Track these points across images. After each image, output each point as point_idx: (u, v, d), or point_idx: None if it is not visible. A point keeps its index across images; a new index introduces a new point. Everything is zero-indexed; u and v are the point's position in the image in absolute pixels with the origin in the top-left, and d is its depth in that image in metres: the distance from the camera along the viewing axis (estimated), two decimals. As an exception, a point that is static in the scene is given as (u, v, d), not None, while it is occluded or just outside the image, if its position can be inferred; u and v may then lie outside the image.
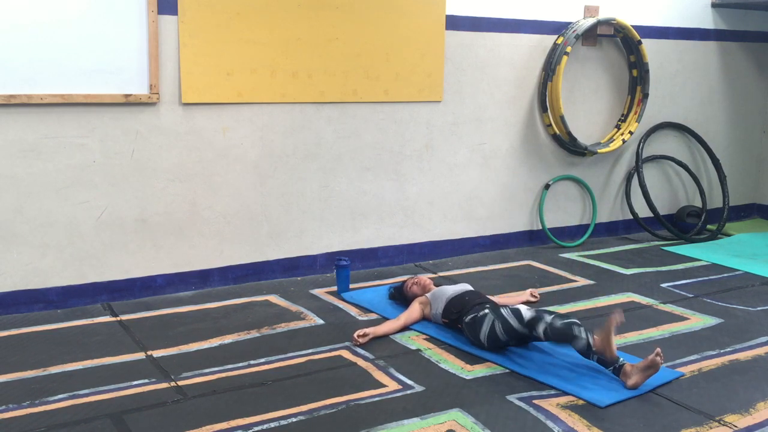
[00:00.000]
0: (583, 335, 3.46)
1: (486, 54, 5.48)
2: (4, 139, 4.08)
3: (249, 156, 4.74)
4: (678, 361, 3.72)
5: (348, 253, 5.13)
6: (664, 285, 4.99)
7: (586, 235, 6.11)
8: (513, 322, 3.64)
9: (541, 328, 3.55)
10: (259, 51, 4.63)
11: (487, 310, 3.79)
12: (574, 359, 3.64)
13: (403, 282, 4.44)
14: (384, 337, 3.95)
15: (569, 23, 5.77)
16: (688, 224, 6.42)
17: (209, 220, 4.68)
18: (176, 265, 4.62)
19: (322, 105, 4.91)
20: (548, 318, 3.56)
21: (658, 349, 3.35)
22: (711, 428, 3.07)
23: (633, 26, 5.92)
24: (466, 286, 4.24)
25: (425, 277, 4.41)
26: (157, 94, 4.38)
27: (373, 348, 3.81)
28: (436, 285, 4.35)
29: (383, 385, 3.39)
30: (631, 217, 6.30)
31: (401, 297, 4.38)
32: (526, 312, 3.66)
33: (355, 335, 3.86)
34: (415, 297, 4.25)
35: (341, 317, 4.27)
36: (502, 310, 3.74)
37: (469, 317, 3.83)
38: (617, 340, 3.97)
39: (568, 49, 5.61)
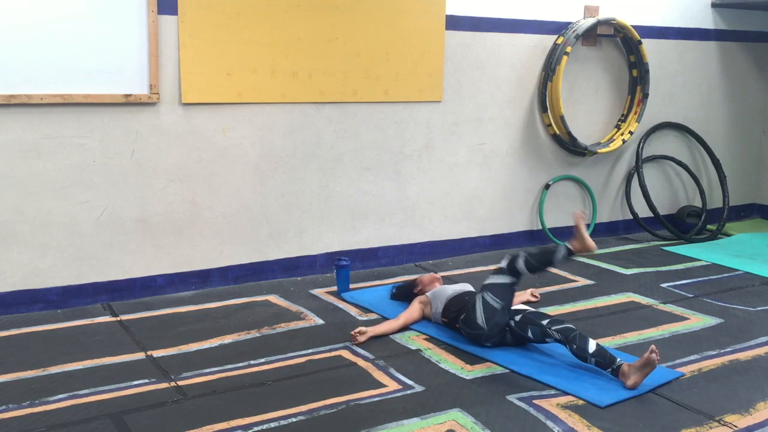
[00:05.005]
0: (560, 245, 3.69)
1: (486, 54, 5.48)
2: (4, 139, 4.08)
3: (249, 156, 4.74)
4: (678, 361, 3.72)
5: (348, 253, 5.13)
6: (664, 285, 4.99)
7: (586, 235, 6.10)
8: (500, 279, 3.76)
9: (521, 264, 3.70)
10: (259, 51, 4.63)
11: (474, 297, 3.87)
12: (574, 359, 3.64)
13: (407, 281, 4.46)
14: (384, 337, 3.95)
15: (569, 23, 5.77)
16: (688, 224, 6.42)
17: (209, 220, 4.68)
18: (176, 265, 4.62)
19: (322, 105, 4.91)
20: (523, 254, 3.72)
21: (653, 347, 3.35)
22: (711, 428, 3.07)
23: (633, 26, 5.92)
24: (466, 286, 4.24)
25: (436, 275, 4.44)
26: (157, 94, 4.38)
27: (373, 348, 3.81)
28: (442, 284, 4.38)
29: (383, 385, 3.39)
30: (631, 217, 6.30)
31: (405, 296, 4.39)
32: (501, 261, 3.82)
33: (354, 332, 3.86)
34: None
35: (341, 317, 4.27)
36: (485, 282, 3.85)
37: (464, 314, 3.84)
38: (618, 340, 3.98)
39: (568, 49, 5.61)
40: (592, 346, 3.49)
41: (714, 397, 3.34)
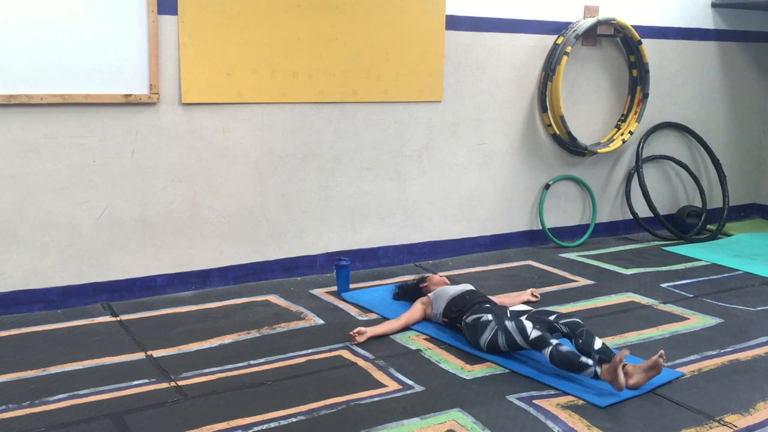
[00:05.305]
0: (590, 363, 3.38)
1: (486, 54, 5.48)
2: (4, 139, 4.08)
3: (249, 156, 4.74)
4: (678, 361, 3.72)
5: (348, 253, 5.13)
6: (664, 285, 4.99)
7: (586, 235, 6.11)
8: (518, 338, 3.60)
9: (546, 352, 3.48)
10: (259, 51, 4.63)
11: (490, 317, 3.75)
12: (574, 359, 3.64)
13: (411, 281, 4.47)
14: (384, 337, 3.95)
15: (569, 23, 5.77)
16: (688, 224, 6.42)
17: (209, 220, 4.68)
18: (176, 265, 4.62)
19: (322, 105, 4.91)
20: (554, 341, 3.49)
21: (662, 351, 3.35)
22: (711, 428, 3.07)
23: (633, 26, 5.92)
24: (467, 286, 4.24)
25: (444, 278, 4.44)
26: (157, 94, 4.39)
27: (373, 348, 3.81)
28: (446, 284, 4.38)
29: (383, 385, 3.39)
30: (631, 217, 6.30)
31: (410, 295, 4.40)
32: (532, 331, 3.56)
33: (352, 332, 3.86)
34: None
35: (341, 317, 4.27)
36: (507, 324, 3.66)
37: (471, 318, 3.82)
38: (619, 340, 3.97)
39: (568, 49, 5.61)
40: (597, 343, 3.48)
41: (714, 397, 3.34)
